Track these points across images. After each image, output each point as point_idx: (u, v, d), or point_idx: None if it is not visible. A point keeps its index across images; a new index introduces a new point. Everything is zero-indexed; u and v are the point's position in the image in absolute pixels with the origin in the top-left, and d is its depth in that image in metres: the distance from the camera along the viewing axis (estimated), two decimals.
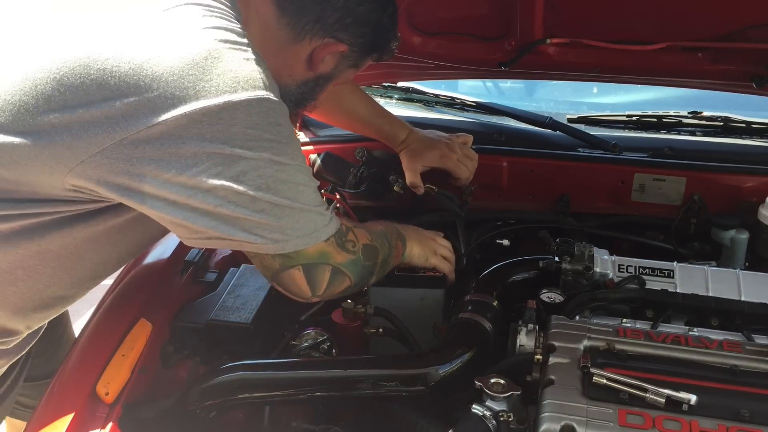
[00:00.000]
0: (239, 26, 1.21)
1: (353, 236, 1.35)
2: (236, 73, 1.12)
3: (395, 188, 2.01)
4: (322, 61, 1.37)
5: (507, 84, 2.98)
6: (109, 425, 1.29)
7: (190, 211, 1.15)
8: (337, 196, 2.03)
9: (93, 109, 1.08)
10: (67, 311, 1.93)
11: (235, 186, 1.13)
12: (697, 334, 1.40)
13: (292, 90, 1.39)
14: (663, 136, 2.22)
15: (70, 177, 1.13)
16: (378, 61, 1.46)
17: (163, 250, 1.68)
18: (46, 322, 1.49)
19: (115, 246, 1.34)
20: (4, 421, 1.73)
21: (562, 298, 1.58)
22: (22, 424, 1.89)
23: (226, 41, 1.15)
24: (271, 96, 1.16)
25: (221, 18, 1.19)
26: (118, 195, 1.14)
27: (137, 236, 1.36)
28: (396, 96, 2.45)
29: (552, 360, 1.28)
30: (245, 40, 1.19)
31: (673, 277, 1.59)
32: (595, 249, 1.66)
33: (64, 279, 1.33)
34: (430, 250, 1.65)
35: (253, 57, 1.17)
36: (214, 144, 1.10)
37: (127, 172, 1.11)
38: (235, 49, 1.15)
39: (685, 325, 1.49)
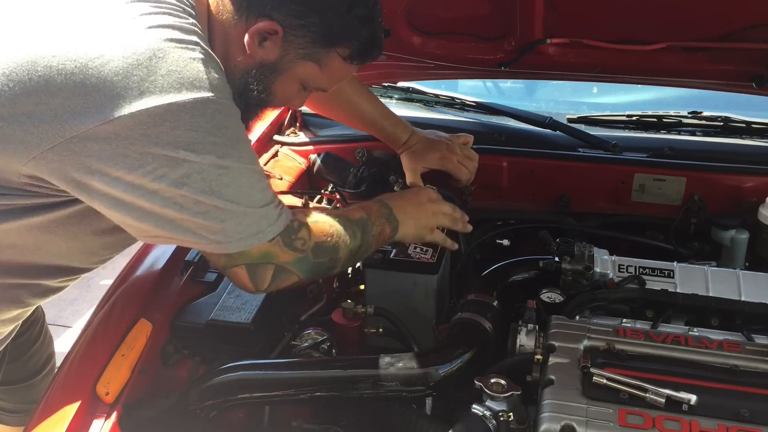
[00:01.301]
0: (188, 21, 1.21)
1: (306, 233, 1.33)
2: (181, 74, 1.13)
3: (395, 188, 2.01)
4: (259, 45, 1.30)
5: (507, 84, 2.97)
6: (109, 425, 1.29)
7: (137, 209, 1.17)
8: (337, 196, 2.04)
9: (41, 105, 1.11)
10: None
11: (178, 189, 1.15)
12: (697, 334, 1.41)
13: (237, 80, 1.34)
14: (663, 136, 2.22)
15: (25, 169, 1.15)
16: (354, 63, 1.37)
17: (163, 250, 1.67)
18: (19, 323, 1.50)
19: (75, 239, 1.33)
20: None
21: (562, 298, 1.58)
22: (5, 428, 1.89)
23: (171, 40, 1.15)
24: (218, 97, 1.17)
25: (168, 14, 1.19)
26: (70, 189, 1.17)
27: (96, 229, 1.35)
28: (396, 96, 2.45)
29: (552, 360, 1.28)
30: (193, 38, 1.19)
31: (673, 277, 1.59)
32: (595, 249, 1.66)
33: (23, 267, 1.35)
34: (426, 228, 1.61)
35: (200, 56, 1.17)
36: (159, 146, 1.12)
37: (78, 169, 1.13)
38: (181, 48, 1.15)
39: (685, 325, 1.49)
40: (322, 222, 1.38)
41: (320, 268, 1.39)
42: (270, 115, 2.27)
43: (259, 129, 2.19)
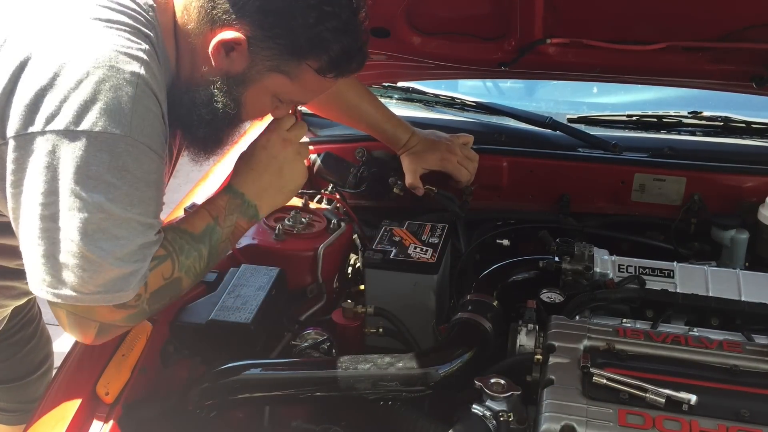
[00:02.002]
0: (138, 44, 1.20)
1: (142, 288, 1.24)
2: (102, 105, 1.13)
3: (395, 190, 2.01)
4: (225, 55, 1.26)
5: (507, 84, 2.97)
6: (109, 425, 1.29)
7: (14, 217, 1.19)
8: (337, 196, 2.04)
9: None
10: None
11: (49, 217, 1.13)
12: (697, 334, 1.41)
13: (201, 90, 1.31)
14: (663, 136, 2.22)
15: None
16: (327, 76, 1.30)
17: None
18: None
19: None
20: None
21: (562, 298, 1.58)
22: (3, 428, 1.89)
23: (111, 67, 1.15)
24: (131, 137, 1.15)
25: (119, 35, 1.19)
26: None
27: None
28: (396, 96, 2.45)
29: (552, 360, 1.28)
30: (133, 68, 1.17)
31: (673, 277, 1.59)
32: (595, 249, 1.66)
33: None
34: (291, 192, 1.49)
35: (129, 90, 1.15)
36: (52, 171, 1.13)
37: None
38: (113, 76, 1.15)
39: (685, 325, 1.49)
40: (162, 262, 1.27)
41: (157, 310, 1.33)
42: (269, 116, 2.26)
43: (258, 129, 2.19)
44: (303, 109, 2.20)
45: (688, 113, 2.25)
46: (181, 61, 1.31)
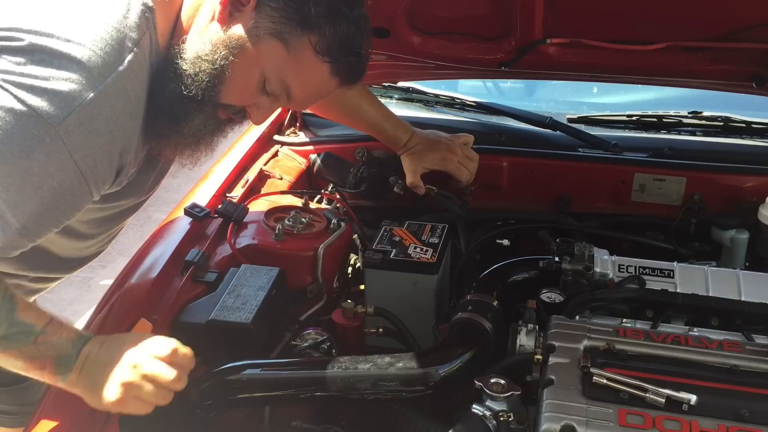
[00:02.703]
0: (120, 53, 1.16)
1: None
2: (52, 87, 1.08)
3: (395, 189, 2.01)
4: (229, 16, 1.23)
5: (507, 84, 2.97)
6: (110, 425, 1.29)
7: None
8: (337, 196, 2.04)
9: None
10: None
11: None
12: (697, 334, 1.41)
13: (205, 57, 1.25)
14: (663, 136, 2.22)
15: None
16: (320, 55, 1.26)
17: (163, 250, 1.68)
18: None
19: None
20: None
21: (562, 298, 1.58)
22: (3, 430, 1.89)
23: (80, 63, 1.11)
24: (56, 130, 1.08)
25: (104, 34, 1.15)
26: None
27: None
28: (396, 96, 2.45)
29: (552, 360, 1.28)
30: (102, 75, 1.13)
31: (673, 277, 1.59)
32: (595, 249, 1.66)
33: None
34: (91, 394, 1.22)
35: (86, 94, 1.10)
36: None
37: None
38: (76, 71, 1.11)
39: (685, 325, 1.49)
40: None
41: None
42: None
43: (258, 129, 2.19)
44: None
45: (688, 113, 2.25)
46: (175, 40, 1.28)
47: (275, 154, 2.22)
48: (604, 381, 1.19)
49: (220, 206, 1.83)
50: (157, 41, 1.26)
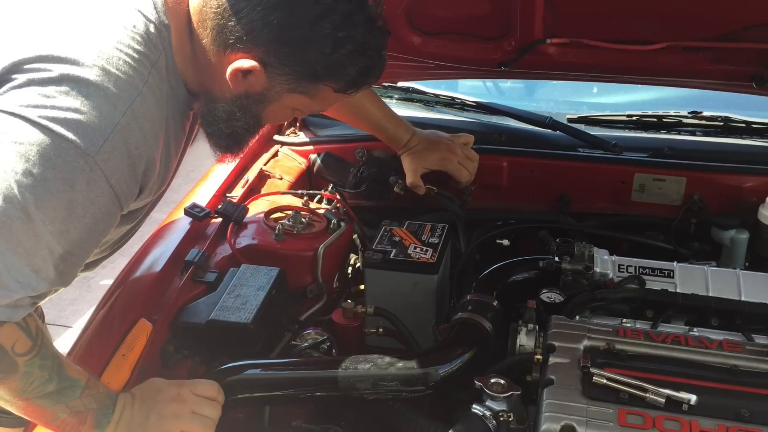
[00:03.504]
0: (140, 75, 1.18)
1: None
2: (83, 117, 1.10)
3: (396, 189, 2.01)
4: (243, 78, 1.26)
5: (507, 84, 2.97)
6: None
7: None
8: (337, 196, 2.04)
9: None
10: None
11: None
12: (697, 334, 1.41)
13: (223, 106, 1.32)
14: (663, 136, 2.22)
15: None
16: (347, 93, 1.31)
17: (163, 250, 1.68)
18: None
19: None
20: None
21: (562, 298, 1.58)
22: (5, 431, 1.89)
23: (106, 89, 1.13)
24: (93, 158, 1.11)
25: (126, 59, 1.17)
26: None
27: None
28: (396, 96, 2.45)
29: (552, 360, 1.28)
30: (128, 97, 1.16)
31: (673, 277, 1.59)
32: (595, 249, 1.66)
33: None
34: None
35: (115, 117, 1.13)
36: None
37: None
38: (105, 98, 1.13)
39: (685, 325, 1.49)
40: (22, 335, 1.15)
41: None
42: None
43: None
44: None
45: (688, 113, 2.25)
46: (200, 71, 1.30)
47: (275, 154, 2.22)
48: (604, 381, 1.19)
49: (220, 206, 1.83)
50: (173, 59, 1.27)
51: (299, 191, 2.03)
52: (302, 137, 2.28)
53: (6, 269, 1.08)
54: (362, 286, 1.78)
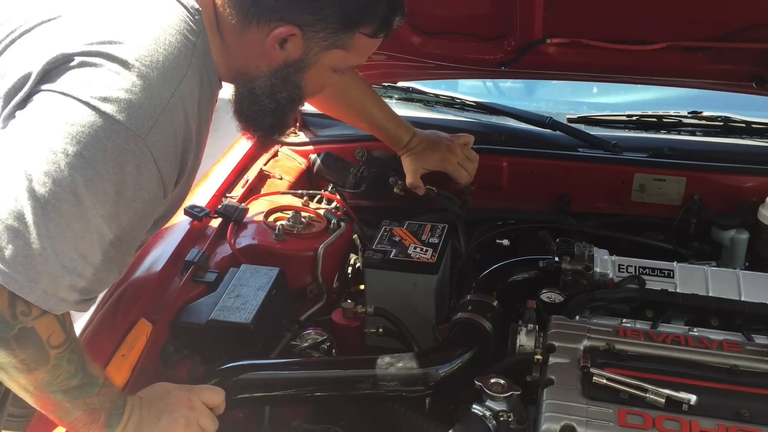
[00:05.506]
0: (186, 57, 1.18)
1: (35, 313, 1.08)
2: (133, 99, 1.09)
3: (395, 189, 2.01)
4: (280, 48, 1.28)
5: (507, 84, 2.97)
6: None
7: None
8: (337, 196, 2.04)
9: None
10: None
11: (18, 166, 1.02)
12: (697, 334, 1.41)
13: (262, 82, 1.33)
14: (663, 136, 2.22)
15: None
16: (377, 36, 1.33)
17: (163, 250, 1.67)
18: None
19: None
20: None
21: (562, 298, 1.58)
22: None
23: (158, 70, 1.13)
24: (143, 140, 1.09)
25: (171, 40, 1.17)
26: None
27: None
28: (396, 96, 2.45)
29: (552, 360, 1.28)
30: (174, 79, 1.15)
31: (673, 277, 1.59)
32: (595, 249, 1.66)
33: None
34: None
35: (162, 100, 1.12)
36: (50, 130, 1.05)
37: None
38: (154, 80, 1.12)
39: (685, 325, 1.49)
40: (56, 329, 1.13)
41: (8, 354, 1.09)
42: None
43: None
44: (303, 108, 2.20)
45: (688, 113, 2.24)
46: (229, 55, 1.31)
47: (275, 154, 2.22)
48: (604, 381, 1.19)
49: (220, 206, 1.83)
50: (206, 41, 1.27)
51: (299, 191, 2.03)
52: (302, 137, 2.28)
53: (54, 254, 1.04)
54: (362, 286, 1.78)
